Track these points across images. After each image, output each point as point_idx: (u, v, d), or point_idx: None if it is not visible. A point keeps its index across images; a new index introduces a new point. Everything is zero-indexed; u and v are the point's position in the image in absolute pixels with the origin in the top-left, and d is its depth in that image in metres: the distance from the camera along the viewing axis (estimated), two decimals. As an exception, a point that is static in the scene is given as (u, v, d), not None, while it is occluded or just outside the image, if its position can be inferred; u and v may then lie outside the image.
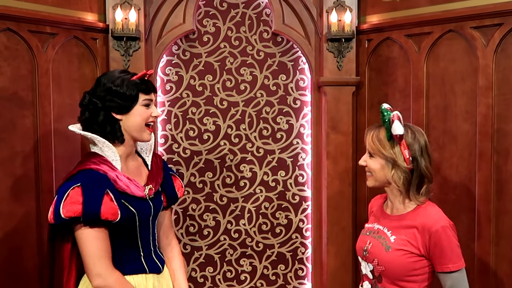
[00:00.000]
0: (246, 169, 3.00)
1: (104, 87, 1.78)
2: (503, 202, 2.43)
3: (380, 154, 1.78)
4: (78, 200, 1.64)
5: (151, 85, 1.86)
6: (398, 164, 1.75)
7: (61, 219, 1.63)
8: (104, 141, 1.77)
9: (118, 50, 2.71)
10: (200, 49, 2.95)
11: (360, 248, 1.91)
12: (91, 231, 1.67)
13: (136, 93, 1.78)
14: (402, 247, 1.75)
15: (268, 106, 2.99)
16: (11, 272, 2.36)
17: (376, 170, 1.81)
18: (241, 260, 3.03)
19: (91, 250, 1.67)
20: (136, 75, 1.82)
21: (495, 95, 2.42)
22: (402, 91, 2.74)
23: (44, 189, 2.45)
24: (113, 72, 1.85)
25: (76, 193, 1.65)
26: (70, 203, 1.63)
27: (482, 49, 2.44)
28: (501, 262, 2.45)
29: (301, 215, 3.04)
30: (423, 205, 1.79)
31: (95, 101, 1.78)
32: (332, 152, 2.84)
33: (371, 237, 1.87)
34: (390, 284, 1.78)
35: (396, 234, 1.79)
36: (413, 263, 1.74)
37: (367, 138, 1.84)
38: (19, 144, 2.38)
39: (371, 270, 1.83)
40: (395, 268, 1.75)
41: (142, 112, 1.81)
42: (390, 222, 1.84)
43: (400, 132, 1.73)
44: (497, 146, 2.43)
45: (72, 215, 1.62)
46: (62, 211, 1.63)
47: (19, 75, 2.39)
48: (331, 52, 2.82)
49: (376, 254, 1.80)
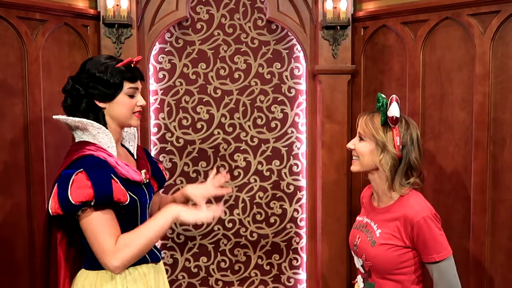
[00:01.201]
0: (240, 159, 2.97)
1: (88, 73, 1.70)
2: (499, 191, 2.41)
3: (371, 137, 1.77)
4: (86, 184, 1.56)
5: (137, 72, 1.77)
6: (387, 149, 1.74)
7: (71, 206, 1.54)
8: (100, 127, 1.70)
9: (109, 37, 2.66)
10: (194, 37, 2.91)
11: (351, 243, 1.90)
12: (102, 213, 1.59)
13: (120, 81, 1.70)
14: (386, 241, 1.73)
15: (263, 95, 2.96)
16: (1, 263, 2.33)
17: (364, 154, 1.79)
18: (235, 250, 3.01)
19: (105, 230, 1.58)
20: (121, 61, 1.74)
21: (492, 83, 2.39)
22: (398, 80, 2.71)
23: (34, 179, 2.42)
24: (99, 57, 1.77)
25: (81, 178, 1.57)
26: (78, 188, 1.56)
27: (479, 36, 2.41)
28: (496, 252, 2.44)
29: (296, 204, 3.02)
30: (405, 196, 1.77)
31: (78, 88, 1.70)
32: (327, 141, 2.82)
33: (360, 232, 1.86)
34: (379, 278, 1.77)
35: (381, 228, 1.77)
36: (399, 256, 1.72)
37: (359, 121, 1.83)
38: (9, 132, 2.34)
39: (361, 265, 1.83)
40: (382, 262, 1.74)
41: (126, 101, 1.73)
42: (376, 216, 1.83)
43: (396, 114, 1.73)
44: (494, 135, 2.41)
45: (84, 199, 1.54)
46: (72, 198, 1.54)
47: (7, 63, 2.34)
48: (326, 40, 2.78)
49: (364, 249, 1.79)
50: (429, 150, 2.58)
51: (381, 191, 1.82)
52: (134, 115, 1.77)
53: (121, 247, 1.57)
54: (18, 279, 2.40)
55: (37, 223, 2.43)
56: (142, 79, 1.80)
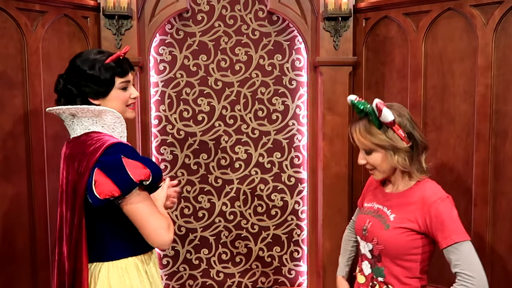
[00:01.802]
0: (241, 151, 2.97)
1: (78, 71, 1.67)
2: (500, 183, 2.41)
3: (377, 147, 1.73)
4: (139, 165, 1.57)
5: (127, 65, 1.74)
6: (398, 147, 1.71)
7: (131, 186, 1.55)
8: (120, 115, 1.70)
9: (109, 29, 2.65)
10: (194, 28, 2.89)
11: (359, 228, 1.88)
12: (148, 195, 1.63)
13: (111, 77, 1.68)
14: (401, 224, 1.72)
15: (264, 87, 2.94)
16: (3, 254, 2.34)
17: (379, 164, 1.76)
18: (236, 242, 3.01)
19: (155, 210, 1.63)
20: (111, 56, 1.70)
21: (494, 75, 2.38)
22: (399, 71, 2.70)
23: (35, 170, 2.42)
24: (88, 53, 1.72)
25: (130, 161, 1.57)
26: (135, 168, 1.56)
27: (481, 27, 2.39)
28: (497, 244, 2.43)
29: (297, 197, 3.01)
30: (422, 181, 1.76)
31: (70, 88, 1.68)
32: (328, 133, 2.81)
33: (370, 216, 1.85)
34: (389, 263, 1.76)
35: (395, 213, 1.76)
36: (412, 241, 1.72)
37: (354, 137, 1.76)
38: (9, 124, 2.34)
39: (370, 250, 1.81)
40: (395, 246, 1.73)
41: (120, 95, 1.71)
42: (390, 201, 1.81)
43: (391, 118, 1.67)
44: (496, 127, 2.40)
45: (143, 177, 1.55)
46: (133, 177, 1.53)
47: (7, 54, 2.34)
48: (327, 31, 2.77)
49: (375, 233, 1.78)
50: (430, 142, 2.55)
51: (399, 181, 1.81)
52: (128, 107, 1.76)
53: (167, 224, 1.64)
54: (20, 270, 2.40)
55: (38, 215, 2.44)
56: (132, 69, 1.77)
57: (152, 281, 1.76)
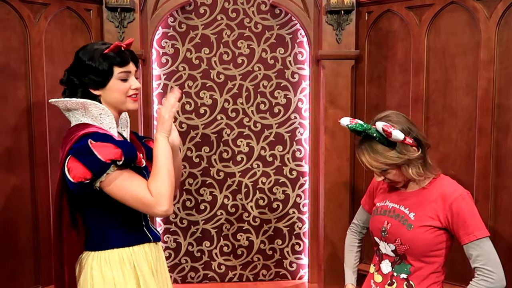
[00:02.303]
0: (243, 144, 2.97)
1: (79, 62, 1.70)
2: (502, 178, 2.41)
3: (391, 166, 1.72)
4: (110, 145, 1.58)
5: (127, 56, 1.73)
6: (410, 158, 1.71)
7: (101, 166, 1.55)
8: (103, 107, 1.70)
9: (112, 21, 2.65)
10: (197, 21, 2.89)
11: (377, 229, 1.86)
12: (128, 171, 1.63)
13: (109, 67, 1.68)
14: (423, 223, 1.73)
15: (266, 80, 2.95)
16: (6, 246, 2.36)
17: (397, 178, 1.77)
18: (238, 235, 3.02)
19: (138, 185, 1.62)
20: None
21: (497, 69, 2.37)
22: (402, 65, 2.69)
23: (38, 162, 2.43)
24: (91, 44, 1.75)
25: (99, 144, 1.58)
26: (104, 147, 1.56)
27: (484, 21, 2.38)
28: (499, 238, 2.44)
29: (298, 190, 3.02)
30: (438, 178, 1.78)
31: (72, 79, 1.71)
32: (330, 127, 2.81)
33: (388, 217, 1.83)
34: (415, 261, 1.77)
35: (415, 211, 1.76)
36: (436, 237, 1.73)
37: (364, 161, 1.74)
38: (12, 117, 2.35)
39: (393, 250, 1.81)
40: (420, 245, 1.73)
41: (119, 86, 1.71)
42: (406, 200, 1.81)
43: (402, 137, 1.66)
44: (498, 121, 2.39)
45: (113, 157, 1.55)
46: (101, 157, 1.54)
47: (10, 47, 2.34)
48: (330, 25, 2.76)
49: (398, 234, 1.77)
50: (432, 136, 2.57)
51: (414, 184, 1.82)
52: (130, 98, 1.75)
53: (158, 192, 1.61)
54: (23, 262, 2.42)
55: (41, 207, 2.46)
56: (134, 61, 1.76)
57: (140, 275, 1.74)
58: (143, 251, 1.78)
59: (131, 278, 1.72)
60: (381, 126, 1.65)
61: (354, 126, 1.72)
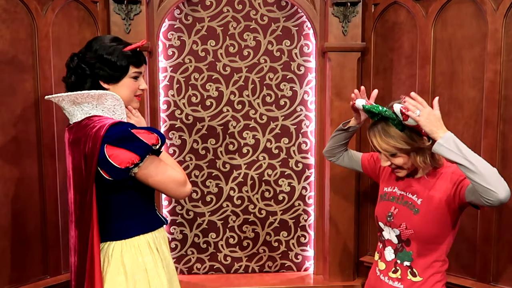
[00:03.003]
0: (249, 136, 2.98)
1: (96, 53, 1.73)
2: (508, 170, 2.40)
3: (401, 150, 1.73)
4: (144, 131, 1.66)
5: (142, 57, 1.82)
6: (420, 147, 1.71)
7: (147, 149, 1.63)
8: (119, 98, 1.74)
9: (119, 13, 2.66)
10: (203, 14, 2.89)
11: (383, 214, 1.88)
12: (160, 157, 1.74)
13: (127, 65, 1.75)
14: (430, 207, 1.74)
15: (272, 72, 2.95)
16: (14, 236, 2.38)
17: (405, 164, 1.77)
18: (243, 227, 3.04)
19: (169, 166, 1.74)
20: (129, 45, 1.78)
21: (504, 61, 2.36)
22: (408, 57, 2.68)
23: (45, 153, 2.45)
24: (105, 38, 1.80)
25: (136, 130, 1.65)
26: (143, 134, 1.64)
27: (491, 13, 2.37)
28: (503, 231, 2.44)
29: (304, 182, 3.03)
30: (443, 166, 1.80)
31: (84, 67, 1.73)
32: (336, 119, 2.81)
33: (395, 203, 1.85)
34: (418, 247, 1.77)
35: (422, 197, 1.77)
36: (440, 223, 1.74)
37: (374, 143, 1.76)
38: (20, 108, 2.37)
39: (397, 235, 1.82)
40: (425, 229, 1.75)
41: (131, 84, 1.79)
42: (413, 186, 1.82)
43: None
44: (504, 114, 2.39)
45: (155, 142, 1.65)
46: (147, 141, 1.63)
47: (18, 39, 2.36)
48: (336, 17, 2.75)
49: (404, 219, 1.78)
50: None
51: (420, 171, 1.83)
52: (136, 97, 1.84)
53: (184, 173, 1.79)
54: (31, 251, 2.45)
55: (49, 197, 2.48)
56: (145, 62, 1.86)
57: (163, 258, 1.81)
58: (162, 235, 1.85)
59: (159, 262, 1.78)
60: (399, 107, 1.65)
61: (370, 107, 1.72)
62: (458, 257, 2.56)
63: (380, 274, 1.89)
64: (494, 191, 1.51)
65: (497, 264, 2.47)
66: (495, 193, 1.51)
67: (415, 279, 1.79)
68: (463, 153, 1.54)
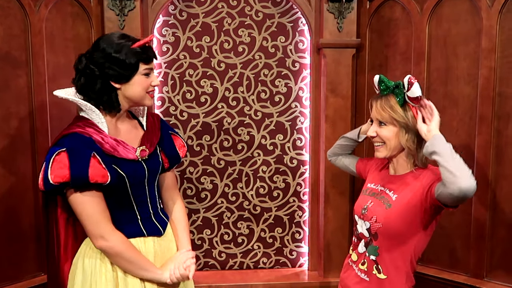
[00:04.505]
0: (244, 133, 2.98)
1: (103, 53, 1.69)
2: (502, 167, 2.41)
3: (393, 121, 1.76)
4: (65, 164, 1.59)
5: (151, 53, 1.77)
6: (410, 128, 1.74)
7: (51, 185, 1.59)
8: (86, 104, 1.71)
9: (112, 9, 2.64)
10: (197, 9, 2.88)
11: (359, 207, 1.91)
12: (83, 195, 1.64)
13: (136, 62, 1.70)
14: (403, 203, 1.75)
15: (267, 69, 2.94)
16: (8, 233, 2.37)
17: (390, 138, 1.78)
18: (238, 223, 3.04)
19: (88, 213, 1.65)
20: (137, 42, 1.72)
21: (498, 57, 2.37)
22: (403, 54, 2.69)
23: (39, 150, 2.44)
24: (112, 36, 1.74)
25: (62, 157, 1.60)
26: (57, 168, 1.59)
27: (486, 9, 2.38)
28: (497, 227, 2.45)
29: (299, 178, 3.03)
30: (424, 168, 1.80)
31: (93, 68, 1.69)
32: (331, 115, 2.81)
33: (372, 198, 1.88)
34: (385, 242, 1.79)
35: (398, 193, 1.79)
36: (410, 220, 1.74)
37: (374, 107, 1.80)
38: (14, 104, 2.36)
39: (367, 228, 1.84)
40: (393, 224, 1.76)
41: (142, 81, 1.74)
42: (393, 183, 1.84)
43: (420, 93, 1.72)
44: (498, 110, 2.40)
45: (61, 180, 1.58)
46: (50, 177, 1.58)
47: (11, 34, 2.34)
48: (331, 13, 2.75)
49: (375, 212, 1.80)
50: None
51: (402, 169, 1.84)
52: (148, 94, 1.78)
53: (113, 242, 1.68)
54: (25, 248, 2.44)
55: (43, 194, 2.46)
56: (155, 58, 1.80)
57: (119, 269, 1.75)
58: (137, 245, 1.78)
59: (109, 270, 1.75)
60: (408, 76, 1.73)
61: (384, 78, 1.81)
62: (452, 253, 2.57)
63: (352, 264, 1.92)
64: (459, 177, 1.53)
65: (491, 260, 2.48)
66: (459, 180, 1.53)
67: (379, 275, 1.79)
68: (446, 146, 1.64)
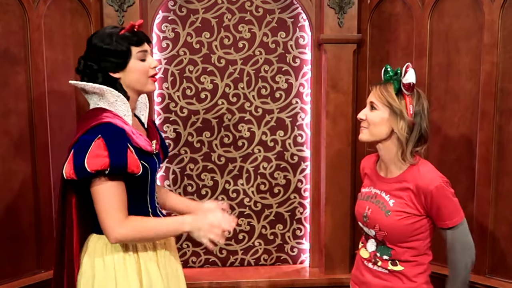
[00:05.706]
0: (244, 129, 2.96)
1: (96, 47, 1.71)
2: (504, 163, 2.40)
3: (387, 104, 1.78)
4: (103, 153, 1.59)
5: (142, 35, 1.76)
6: (403, 115, 1.75)
7: (86, 173, 1.58)
8: (119, 95, 1.72)
9: (112, 5, 2.63)
10: (197, 5, 2.86)
11: (359, 214, 1.91)
12: (113, 184, 1.64)
13: (127, 47, 1.71)
14: (401, 209, 1.76)
15: (267, 65, 2.93)
16: (7, 231, 2.37)
17: (376, 123, 1.80)
18: (239, 220, 3.03)
19: (113, 201, 1.64)
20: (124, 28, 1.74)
21: (500, 52, 2.35)
22: (404, 49, 2.67)
23: (38, 148, 2.43)
24: (103, 30, 1.78)
25: (99, 146, 1.60)
26: (95, 156, 1.59)
27: (488, 4, 2.36)
28: (499, 224, 2.44)
29: (300, 175, 3.02)
30: (416, 165, 1.80)
31: (90, 64, 1.72)
32: (331, 111, 2.79)
33: (369, 203, 1.87)
34: (395, 246, 1.80)
35: (394, 198, 1.79)
36: (413, 223, 1.76)
37: (373, 91, 1.84)
38: (12, 101, 2.35)
39: (373, 235, 1.84)
40: (397, 231, 1.77)
41: (139, 66, 1.74)
42: (386, 186, 1.84)
43: (413, 80, 1.75)
44: (500, 106, 2.38)
45: (99, 168, 1.58)
46: (87, 165, 1.57)
47: (10, 31, 2.33)
48: (332, 8, 2.73)
49: (377, 220, 1.80)
50: (434, 120, 2.56)
51: (390, 161, 1.83)
52: (151, 79, 1.78)
53: (128, 226, 1.65)
54: (24, 246, 2.43)
55: (42, 192, 2.46)
56: (148, 41, 1.79)
57: (142, 262, 1.76)
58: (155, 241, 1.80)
59: (132, 264, 1.74)
60: (406, 64, 1.77)
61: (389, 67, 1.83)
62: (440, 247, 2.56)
63: (363, 261, 1.92)
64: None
65: (492, 257, 2.47)
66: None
67: (396, 268, 1.81)
68: None
